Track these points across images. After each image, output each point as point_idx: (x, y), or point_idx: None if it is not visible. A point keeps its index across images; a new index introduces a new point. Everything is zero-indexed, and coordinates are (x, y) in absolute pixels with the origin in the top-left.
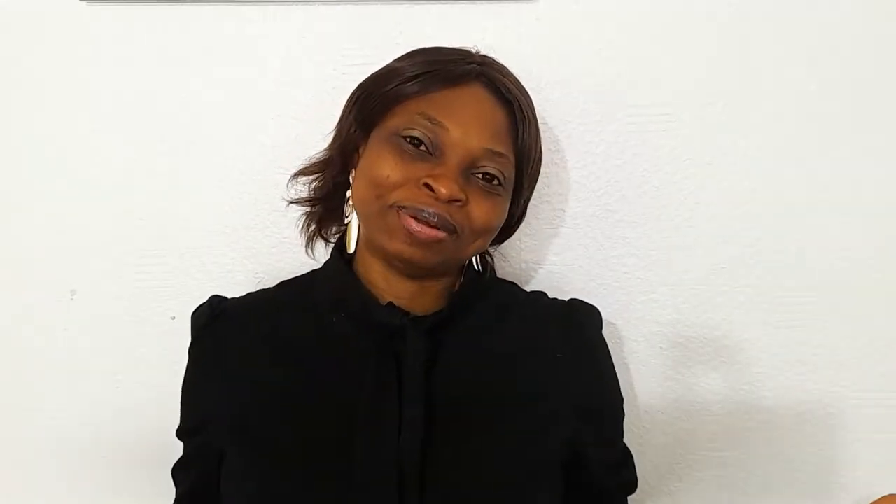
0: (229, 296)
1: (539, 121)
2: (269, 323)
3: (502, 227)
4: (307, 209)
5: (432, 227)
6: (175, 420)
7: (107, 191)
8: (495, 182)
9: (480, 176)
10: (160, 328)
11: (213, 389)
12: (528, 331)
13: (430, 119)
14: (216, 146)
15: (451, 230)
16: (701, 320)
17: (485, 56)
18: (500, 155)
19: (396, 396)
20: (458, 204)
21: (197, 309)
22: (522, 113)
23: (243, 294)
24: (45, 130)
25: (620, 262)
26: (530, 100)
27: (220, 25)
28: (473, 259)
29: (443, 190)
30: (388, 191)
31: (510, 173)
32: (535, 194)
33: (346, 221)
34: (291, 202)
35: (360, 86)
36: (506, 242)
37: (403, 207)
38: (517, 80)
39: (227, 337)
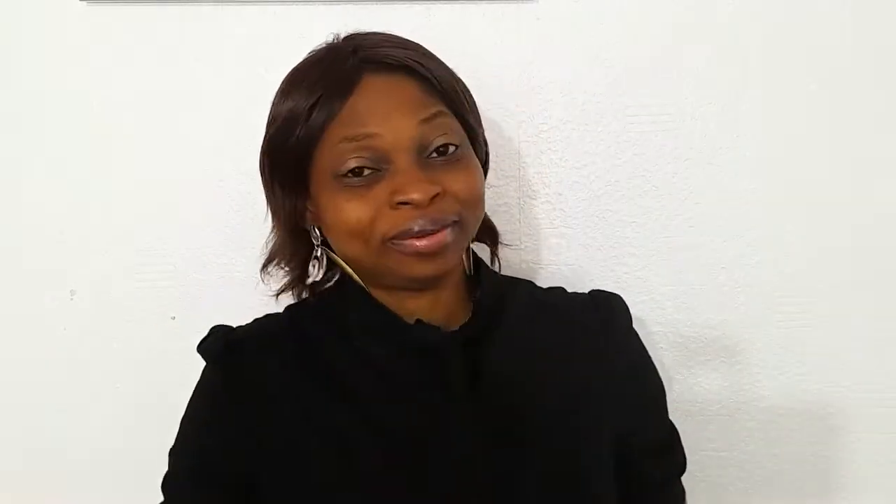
0: (229, 296)
1: (539, 121)
2: (293, 351)
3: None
4: (293, 282)
5: (435, 233)
6: (175, 420)
7: (107, 190)
8: (451, 149)
9: (436, 154)
10: (160, 328)
11: (247, 421)
12: (561, 328)
13: (354, 139)
14: (216, 146)
15: (453, 222)
16: (701, 320)
17: (350, 37)
18: (434, 116)
19: (446, 419)
20: (439, 196)
21: (203, 341)
22: (416, 62)
23: (250, 322)
24: (44, 130)
25: (620, 262)
26: (411, 43)
27: (220, 25)
28: (471, 249)
29: (416, 196)
30: (370, 230)
31: (456, 127)
32: (534, 194)
33: (318, 255)
34: (279, 294)
35: (265, 152)
36: (506, 242)
37: (397, 238)
38: (387, 34)
39: (256, 368)
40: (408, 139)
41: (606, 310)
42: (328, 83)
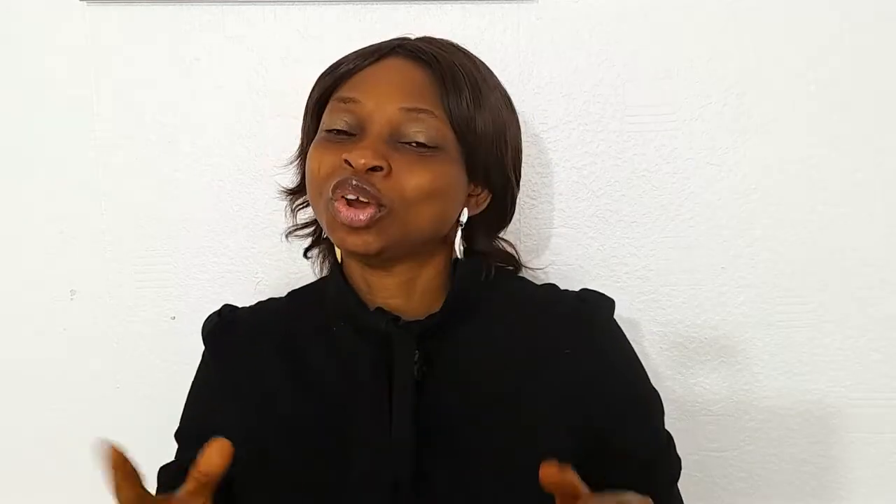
0: (229, 296)
1: (539, 121)
2: (280, 335)
3: (495, 214)
4: (308, 233)
5: (358, 207)
6: (175, 420)
7: (107, 191)
8: (427, 147)
9: (414, 144)
10: (160, 328)
11: (225, 401)
12: (533, 331)
13: (343, 100)
14: (216, 146)
15: (377, 203)
16: (701, 320)
17: (421, 37)
18: (420, 111)
19: (387, 411)
20: (381, 172)
21: (208, 318)
22: (443, 69)
23: (254, 303)
24: (44, 130)
25: (620, 262)
26: (469, 62)
27: (220, 25)
28: (457, 249)
29: (359, 160)
30: (323, 182)
31: (444, 132)
32: (534, 194)
33: None
34: (289, 233)
35: (309, 94)
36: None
37: (333, 193)
38: (451, 45)
39: (239, 348)
40: (384, 116)
41: (586, 314)
42: (366, 52)
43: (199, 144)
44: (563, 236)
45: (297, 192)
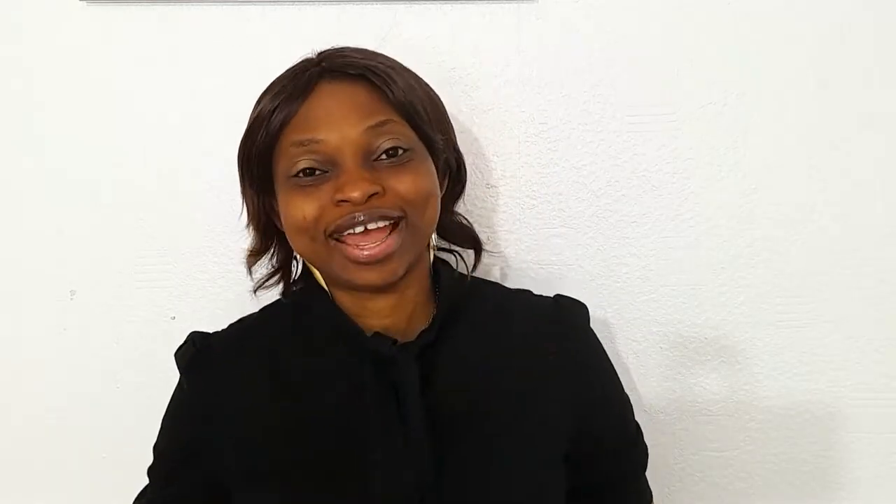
0: (229, 296)
1: (539, 121)
2: (265, 356)
3: (451, 182)
4: (267, 279)
5: (375, 237)
6: None
7: (107, 191)
8: (400, 152)
9: (385, 157)
10: (160, 328)
11: (212, 424)
12: (519, 334)
13: (302, 143)
14: (216, 146)
15: (395, 219)
16: (701, 320)
17: (324, 51)
18: (382, 124)
19: (400, 423)
20: (378, 196)
21: (181, 350)
22: (376, 75)
23: (226, 327)
24: (44, 130)
25: (620, 262)
26: (376, 56)
27: (220, 25)
28: (431, 254)
29: (354, 194)
30: (314, 226)
31: (408, 134)
32: (534, 194)
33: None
34: (255, 290)
35: (238, 155)
36: (506, 243)
37: (338, 235)
38: (359, 48)
39: (222, 374)
40: (353, 144)
41: (564, 315)
42: (289, 89)
43: (200, 144)
44: (563, 236)
45: (262, 252)
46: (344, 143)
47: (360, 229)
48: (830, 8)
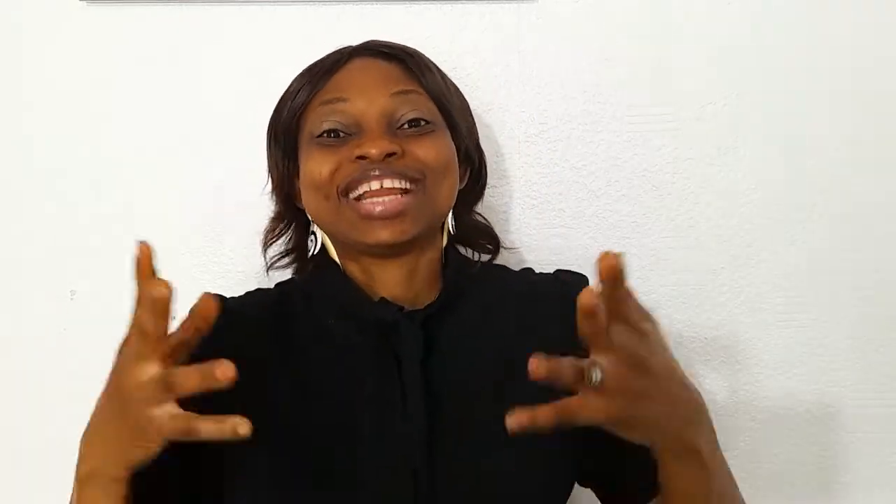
0: (230, 296)
1: (539, 121)
2: (274, 328)
3: (472, 179)
4: (282, 256)
5: (390, 195)
6: None
7: (107, 191)
8: (422, 123)
9: (407, 126)
10: None
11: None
12: (522, 311)
13: (329, 102)
14: (217, 146)
15: (409, 180)
16: (701, 320)
17: (366, 41)
18: (408, 92)
19: (399, 391)
20: (396, 156)
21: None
22: (415, 61)
23: (241, 294)
24: (44, 130)
25: None
26: (425, 57)
27: (220, 25)
28: (444, 238)
29: (373, 150)
30: (330, 183)
31: (431, 108)
32: (534, 194)
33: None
34: (268, 269)
35: (268, 128)
36: (506, 242)
37: (350, 191)
38: (406, 46)
39: (232, 339)
40: (378, 107)
41: (566, 290)
42: (319, 66)
43: (200, 144)
44: (563, 236)
45: (280, 222)
46: (370, 106)
47: (375, 185)
48: (830, 8)
